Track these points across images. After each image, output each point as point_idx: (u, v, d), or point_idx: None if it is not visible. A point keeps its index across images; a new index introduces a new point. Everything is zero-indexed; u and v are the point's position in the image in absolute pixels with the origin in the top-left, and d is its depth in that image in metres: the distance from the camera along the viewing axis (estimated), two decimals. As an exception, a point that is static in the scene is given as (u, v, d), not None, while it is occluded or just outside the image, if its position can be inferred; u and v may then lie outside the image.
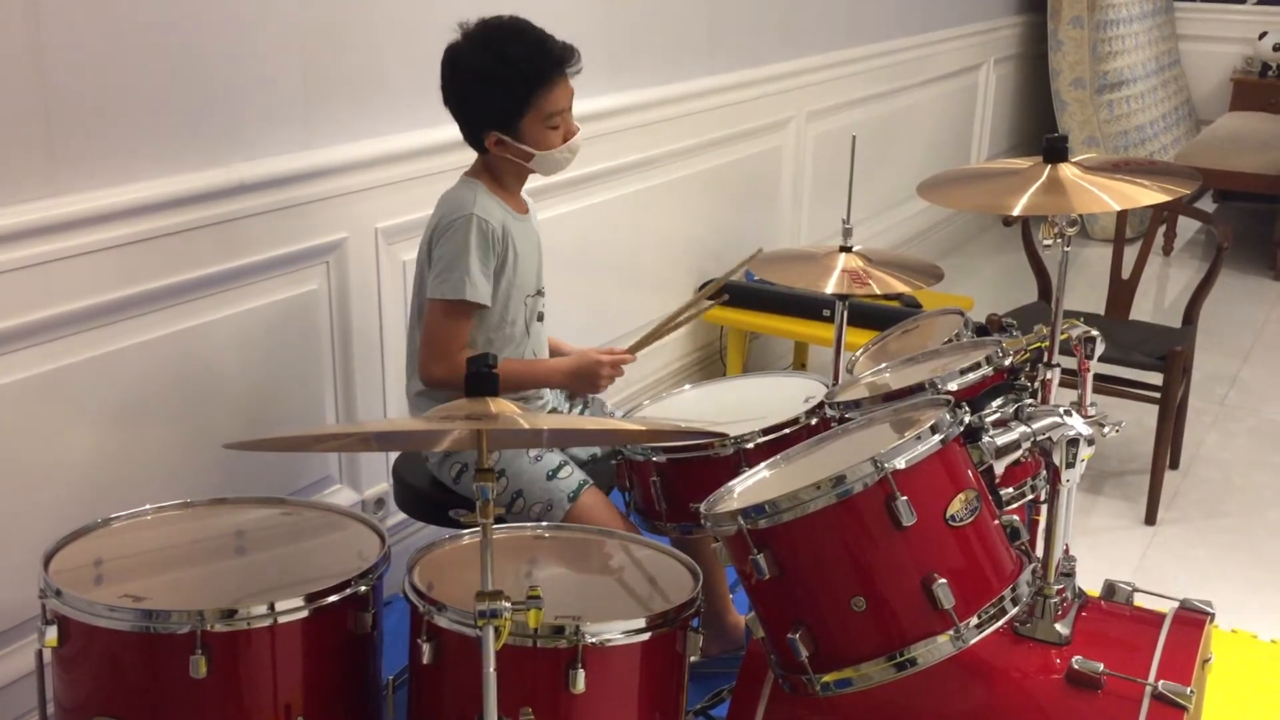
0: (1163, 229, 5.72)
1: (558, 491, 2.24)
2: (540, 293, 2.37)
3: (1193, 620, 1.88)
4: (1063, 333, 2.08)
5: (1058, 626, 1.84)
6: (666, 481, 2.19)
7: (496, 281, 2.24)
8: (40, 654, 1.81)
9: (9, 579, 2.13)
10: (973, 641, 1.63)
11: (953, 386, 1.96)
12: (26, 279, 2.07)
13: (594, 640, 1.70)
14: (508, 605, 1.55)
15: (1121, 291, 3.69)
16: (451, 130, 2.28)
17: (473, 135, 2.25)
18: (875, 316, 3.51)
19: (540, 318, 2.38)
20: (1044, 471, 1.86)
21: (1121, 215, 3.71)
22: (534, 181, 2.38)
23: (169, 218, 2.27)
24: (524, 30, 2.21)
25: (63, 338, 2.15)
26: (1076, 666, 1.75)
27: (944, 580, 1.61)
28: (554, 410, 2.44)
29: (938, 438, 1.66)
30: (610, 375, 2.32)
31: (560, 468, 2.27)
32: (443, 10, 2.29)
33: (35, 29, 2.03)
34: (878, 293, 2.40)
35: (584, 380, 2.33)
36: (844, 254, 2.50)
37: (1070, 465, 1.79)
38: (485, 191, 2.24)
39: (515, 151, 2.22)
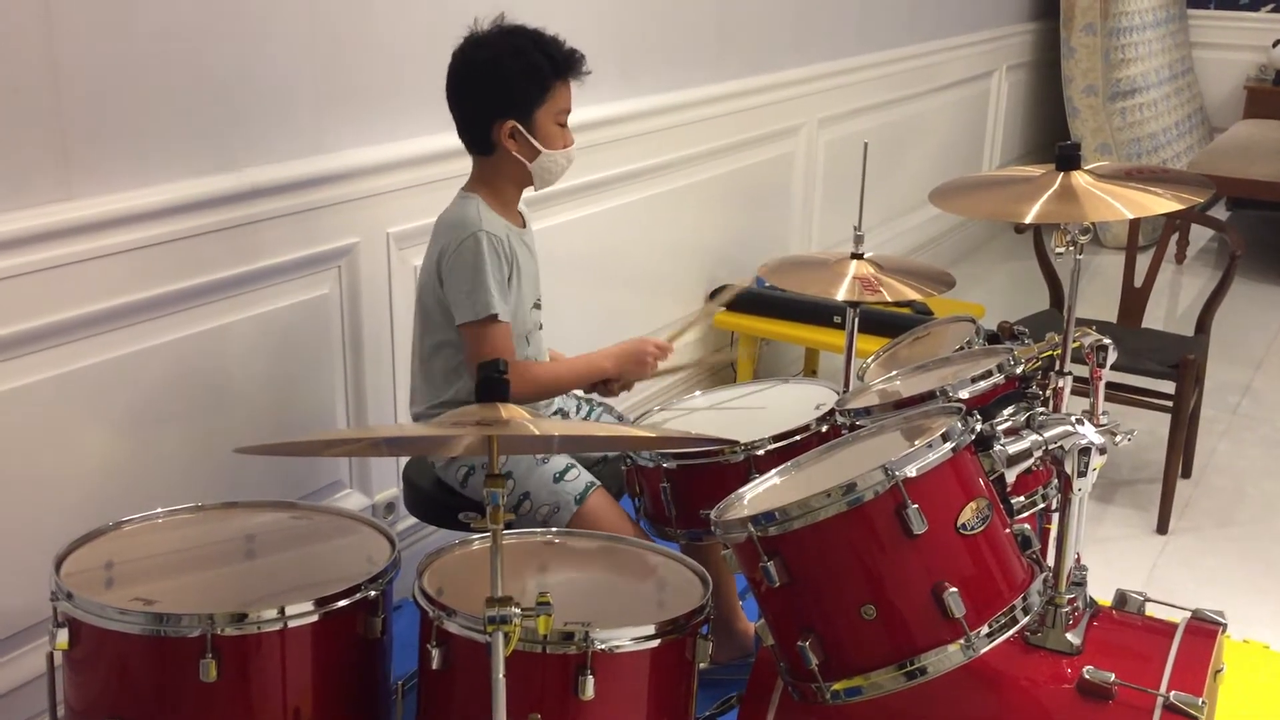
0: (1175, 237, 5.69)
1: (565, 494, 2.24)
2: (538, 305, 2.37)
3: (1205, 630, 1.88)
4: (1075, 341, 2.07)
5: (1069, 636, 1.83)
6: (676, 488, 2.19)
7: (505, 296, 2.24)
8: (51, 657, 1.81)
9: (21, 582, 2.13)
10: (983, 650, 1.62)
11: (964, 394, 1.96)
12: (40, 283, 2.08)
13: (603, 646, 1.70)
14: (517, 611, 1.55)
15: (1134, 299, 3.68)
16: (464, 135, 2.29)
17: (482, 127, 2.21)
18: (886, 323, 3.50)
19: (539, 327, 2.39)
20: (1055, 480, 1.86)
21: (1134, 223, 3.70)
22: (540, 190, 2.37)
23: (181, 222, 2.28)
24: (540, 31, 2.22)
25: (75, 341, 2.16)
26: (1088, 676, 1.74)
27: (955, 589, 1.60)
28: (560, 411, 2.44)
29: (949, 446, 1.65)
30: (655, 360, 2.38)
31: (568, 470, 2.27)
32: (453, 16, 2.29)
33: (49, 35, 2.04)
34: (889, 300, 2.40)
35: (632, 361, 2.37)
36: (855, 261, 2.50)
37: (1082, 474, 1.79)
38: (485, 206, 2.23)
39: (524, 147, 2.21)
